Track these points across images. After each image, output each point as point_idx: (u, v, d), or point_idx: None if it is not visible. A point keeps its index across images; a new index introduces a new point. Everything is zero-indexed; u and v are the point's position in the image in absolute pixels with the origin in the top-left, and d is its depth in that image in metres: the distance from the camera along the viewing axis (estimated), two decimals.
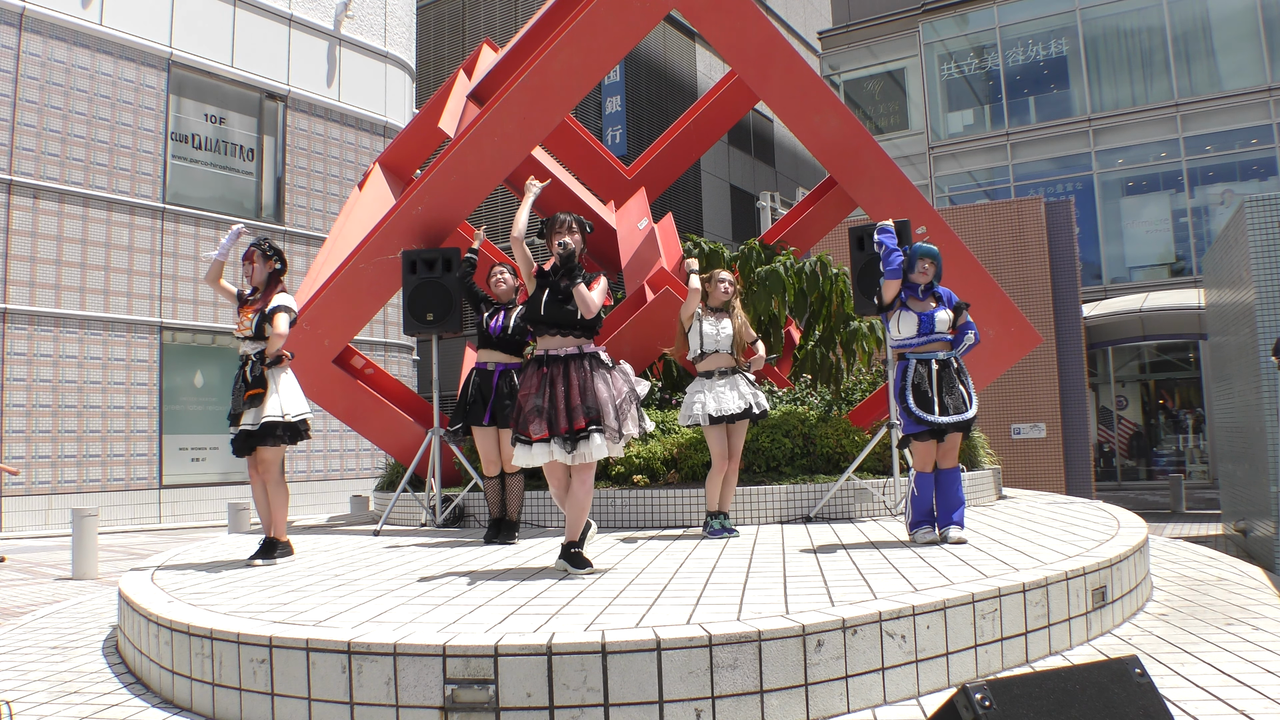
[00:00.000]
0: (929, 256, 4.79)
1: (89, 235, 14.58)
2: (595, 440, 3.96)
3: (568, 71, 6.50)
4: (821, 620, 2.90)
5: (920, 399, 4.60)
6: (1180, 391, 22.28)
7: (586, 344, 4.17)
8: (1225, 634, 3.76)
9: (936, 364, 4.65)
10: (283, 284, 5.19)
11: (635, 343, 6.72)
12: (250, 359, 4.95)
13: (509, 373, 5.36)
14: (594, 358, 4.14)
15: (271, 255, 5.18)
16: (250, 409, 4.87)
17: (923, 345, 4.69)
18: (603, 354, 4.22)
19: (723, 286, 5.42)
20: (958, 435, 4.68)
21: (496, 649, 2.75)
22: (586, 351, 4.14)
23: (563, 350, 4.12)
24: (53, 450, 13.99)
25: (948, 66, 24.76)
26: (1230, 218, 10.12)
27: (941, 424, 4.56)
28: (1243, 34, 21.32)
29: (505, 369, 5.39)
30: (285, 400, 4.91)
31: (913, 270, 4.77)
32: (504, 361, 5.43)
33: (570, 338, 4.14)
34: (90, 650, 4.41)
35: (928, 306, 4.73)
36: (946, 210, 15.89)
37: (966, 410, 4.61)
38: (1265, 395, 8.63)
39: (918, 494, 4.70)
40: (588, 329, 4.17)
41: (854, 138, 6.87)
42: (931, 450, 4.67)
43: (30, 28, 13.98)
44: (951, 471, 4.71)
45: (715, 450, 5.29)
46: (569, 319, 4.12)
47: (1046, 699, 1.88)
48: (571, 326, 4.14)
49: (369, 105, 18.86)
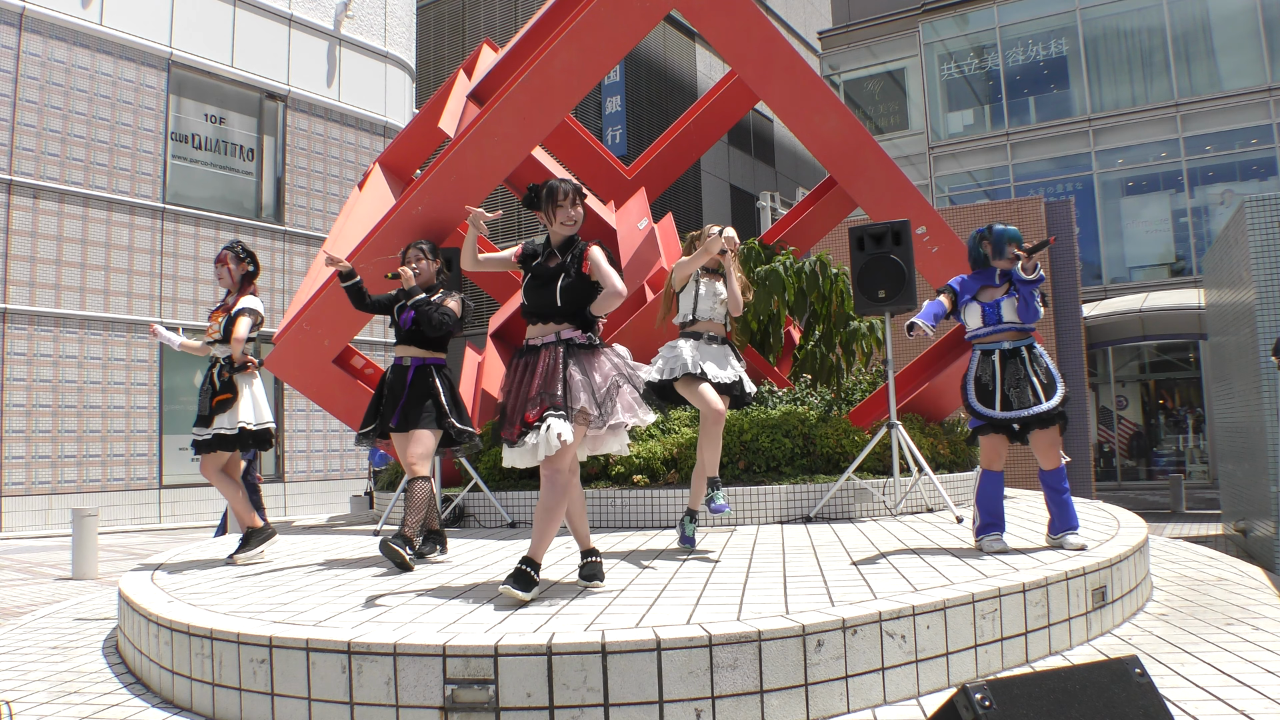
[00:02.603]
0: (1016, 241, 4.29)
1: (89, 235, 14.58)
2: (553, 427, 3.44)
3: (568, 71, 6.50)
4: (821, 620, 2.90)
5: (981, 392, 4.25)
6: (1180, 391, 22.28)
7: (568, 330, 3.70)
8: (1225, 634, 3.76)
9: (999, 355, 4.27)
10: (255, 286, 5.22)
11: (635, 343, 6.69)
12: (219, 363, 5.00)
13: (426, 369, 4.78)
14: (570, 344, 3.67)
15: (244, 258, 5.20)
16: (220, 414, 4.92)
17: (989, 335, 4.31)
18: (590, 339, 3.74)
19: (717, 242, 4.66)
20: (1044, 432, 4.20)
21: (496, 649, 2.75)
22: (564, 338, 3.67)
23: (540, 339, 3.71)
24: (53, 450, 13.99)
25: (948, 66, 24.76)
26: (1230, 218, 10.12)
27: (1000, 419, 4.19)
28: (1243, 34, 21.31)
29: (422, 364, 4.79)
30: (256, 407, 5.02)
31: (1003, 255, 4.30)
32: (420, 356, 4.81)
33: (550, 325, 3.71)
34: (90, 650, 4.41)
35: (998, 295, 4.30)
36: (946, 210, 15.87)
37: (1040, 403, 4.14)
38: (1265, 395, 8.63)
39: (986, 493, 4.26)
40: (572, 315, 3.71)
41: (854, 138, 6.87)
42: (999, 446, 4.26)
43: (30, 28, 13.98)
44: (1051, 473, 4.26)
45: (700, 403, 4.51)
46: (547, 305, 3.69)
47: (1046, 699, 1.88)
48: (552, 313, 3.70)
49: (369, 105, 18.86)
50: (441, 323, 4.64)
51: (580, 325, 3.72)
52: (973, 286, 4.39)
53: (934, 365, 7.33)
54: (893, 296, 6.03)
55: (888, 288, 6.04)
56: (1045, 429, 4.20)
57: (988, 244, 4.38)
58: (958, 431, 7.37)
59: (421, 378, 4.74)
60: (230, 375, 4.98)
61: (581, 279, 3.70)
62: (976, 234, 4.44)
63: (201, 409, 5.00)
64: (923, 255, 6.77)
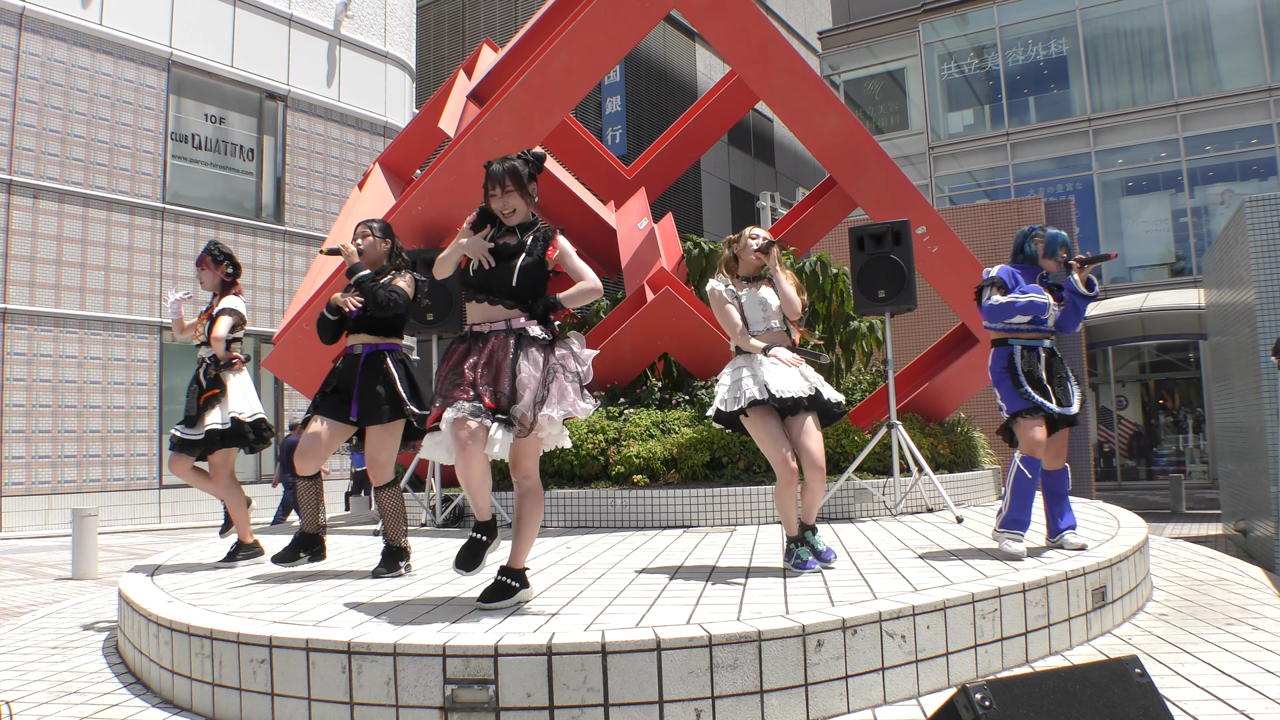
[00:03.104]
0: (1067, 245, 4.28)
1: (89, 235, 14.58)
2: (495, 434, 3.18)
3: (568, 71, 6.50)
4: (821, 620, 2.90)
5: (1032, 382, 4.12)
6: (1180, 391, 22.28)
7: (519, 318, 3.33)
8: (1225, 634, 3.76)
9: (1044, 351, 4.22)
10: (238, 287, 5.24)
11: (635, 343, 6.72)
12: (205, 362, 5.02)
13: (378, 355, 4.36)
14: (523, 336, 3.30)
15: (223, 260, 5.20)
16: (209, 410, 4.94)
17: (1031, 333, 4.23)
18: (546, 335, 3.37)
19: (753, 244, 4.08)
20: (1065, 432, 4.23)
21: (496, 649, 2.75)
22: (516, 328, 3.30)
23: (488, 325, 3.34)
24: (53, 450, 13.99)
25: (948, 66, 24.77)
26: (1230, 218, 10.12)
27: (1055, 412, 4.09)
28: (1243, 34, 21.32)
29: (374, 351, 4.37)
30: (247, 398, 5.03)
31: (1053, 257, 4.25)
32: (372, 342, 4.39)
33: (499, 309, 3.33)
34: (90, 650, 4.41)
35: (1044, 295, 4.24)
36: (946, 210, 15.88)
37: (1071, 404, 4.17)
38: (1265, 395, 8.63)
39: (1020, 483, 4.07)
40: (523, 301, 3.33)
41: (854, 138, 6.87)
42: (1044, 431, 4.12)
43: (30, 28, 13.98)
44: (1059, 474, 4.29)
45: (770, 448, 3.84)
46: (500, 284, 3.31)
47: (1046, 699, 1.88)
48: (505, 294, 3.32)
49: (369, 105, 18.86)
50: (389, 300, 4.21)
51: (532, 315, 3.35)
52: (1024, 282, 4.26)
53: (934, 365, 7.34)
54: (893, 296, 6.03)
55: (888, 288, 6.04)
56: (1066, 429, 4.24)
57: (1039, 242, 4.30)
58: (958, 431, 7.37)
59: (374, 365, 4.32)
60: (217, 373, 5.00)
61: (541, 263, 3.36)
62: (1026, 230, 4.36)
63: (189, 409, 5.00)
64: (923, 255, 6.77)
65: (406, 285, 4.34)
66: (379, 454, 4.33)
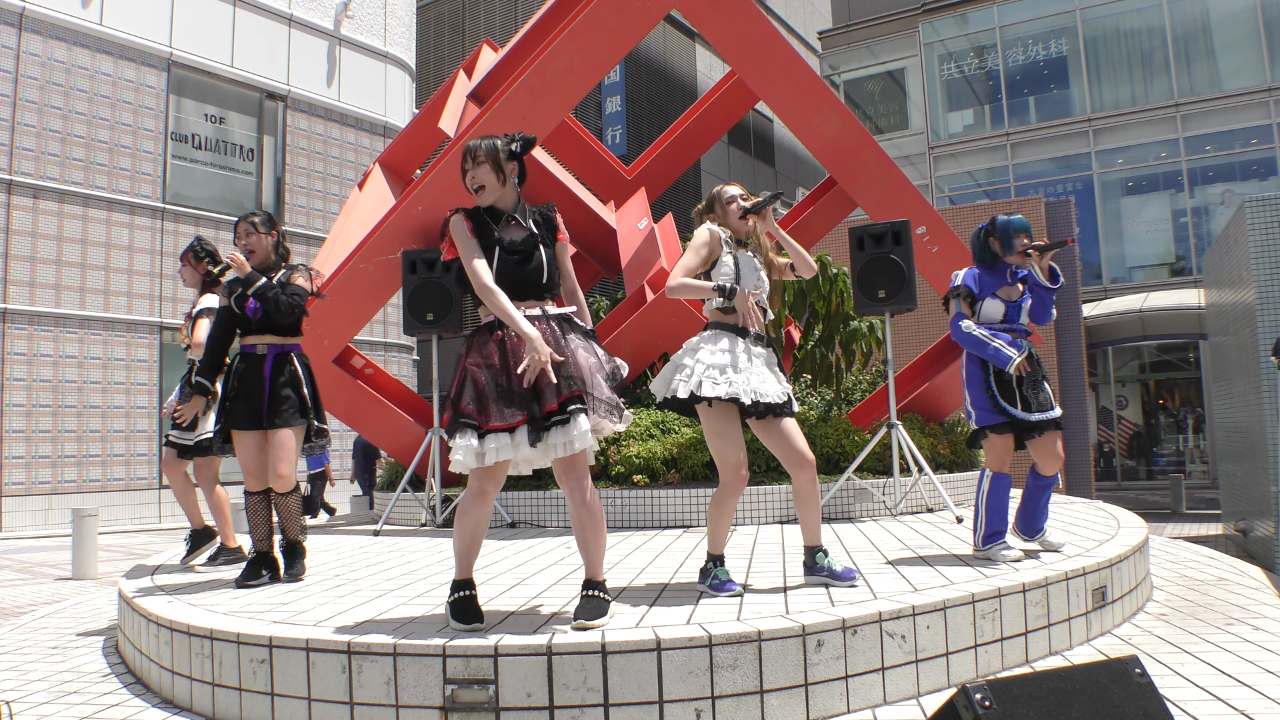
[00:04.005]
0: (1025, 231, 4.05)
1: (89, 235, 14.58)
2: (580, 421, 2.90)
3: (568, 71, 6.50)
4: (821, 620, 2.90)
5: (1005, 390, 4.01)
6: (1180, 391, 22.28)
7: (553, 305, 3.16)
8: (1225, 634, 3.76)
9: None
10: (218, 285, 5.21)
11: (635, 343, 6.72)
12: (194, 365, 5.01)
13: (285, 356, 4.22)
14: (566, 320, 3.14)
15: (204, 257, 5.10)
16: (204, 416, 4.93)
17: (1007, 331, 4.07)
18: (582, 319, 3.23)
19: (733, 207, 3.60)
20: (1052, 435, 4.09)
21: (496, 649, 2.75)
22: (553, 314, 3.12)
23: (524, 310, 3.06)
24: (53, 450, 14.00)
25: (948, 66, 24.77)
26: (1230, 218, 10.12)
27: (1026, 421, 4.00)
28: (1243, 34, 21.32)
29: (280, 352, 4.22)
30: None
31: (1012, 250, 4.06)
32: (278, 343, 4.22)
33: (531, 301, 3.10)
34: (90, 650, 4.41)
35: (1016, 294, 4.11)
36: (946, 210, 15.87)
37: (1052, 408, 4.03)
38: (1265, 395, 8.63)
39: (994, 498, 4.02)
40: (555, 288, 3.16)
41: (854, 138, 6.87)
42: (1010, 447, 4.07)
43: (30, 28, 13.99)
44: (1051, 479, 4.17)
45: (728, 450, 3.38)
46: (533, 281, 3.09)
47: (1046, 699, 1.88)
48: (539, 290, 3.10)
49: (369, 105, 18.87)
50: (294, 306, 4.11)
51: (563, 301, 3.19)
52: (990, 284, 4.12)
53: (934, 365, 7.33)
54: (893, 296, 6.03)
55: (888, 288, 6.04)
56: (1054, 432, 4.11)
57: (994, 240, 4.11)
58: (958, 431, 7.37)
59: (280, 367, 4.18)
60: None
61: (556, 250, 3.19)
62: (980, 230, 4.19)
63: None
64: (923, 255, 6.77)
65: (304, 282, 4.26)
66: (282, 462, 4.10)
